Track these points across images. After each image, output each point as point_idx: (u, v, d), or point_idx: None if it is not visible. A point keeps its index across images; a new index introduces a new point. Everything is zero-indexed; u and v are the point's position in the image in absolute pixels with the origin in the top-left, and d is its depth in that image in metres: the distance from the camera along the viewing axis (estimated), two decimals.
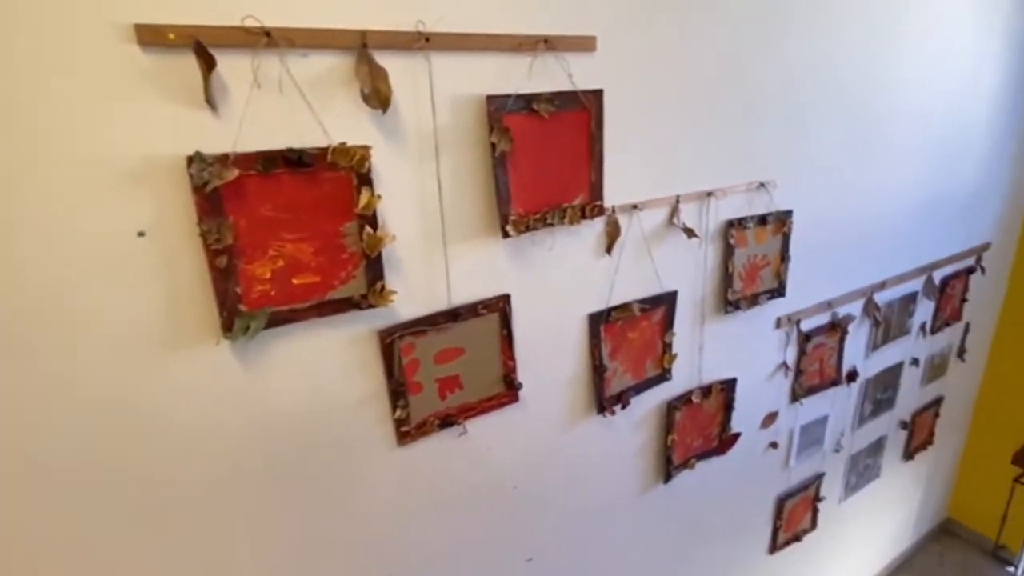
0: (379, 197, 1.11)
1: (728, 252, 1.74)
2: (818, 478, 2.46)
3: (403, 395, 1.25)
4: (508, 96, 1.20)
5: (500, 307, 1.32)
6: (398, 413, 1.26)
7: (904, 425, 2.83)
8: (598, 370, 1.56)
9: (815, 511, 2.53)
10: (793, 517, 2.44)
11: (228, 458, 1.11)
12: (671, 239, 1.61)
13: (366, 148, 1.07)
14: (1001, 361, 3.22)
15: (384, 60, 1.06)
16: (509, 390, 1.41)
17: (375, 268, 1.14)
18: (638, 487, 1.83)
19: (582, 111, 1.30)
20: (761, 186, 1.76)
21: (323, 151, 1.04)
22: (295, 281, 1.08)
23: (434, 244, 1.22)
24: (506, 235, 1.25)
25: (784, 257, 1.89)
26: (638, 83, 1.40)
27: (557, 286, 1.43)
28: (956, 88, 2.24)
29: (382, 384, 1.24)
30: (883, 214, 2.20)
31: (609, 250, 1.48)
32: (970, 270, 2.73)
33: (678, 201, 1.58)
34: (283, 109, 1.02)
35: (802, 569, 2.70)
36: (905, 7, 1.93)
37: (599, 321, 1.53)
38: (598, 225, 1.45)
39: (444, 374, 1.31)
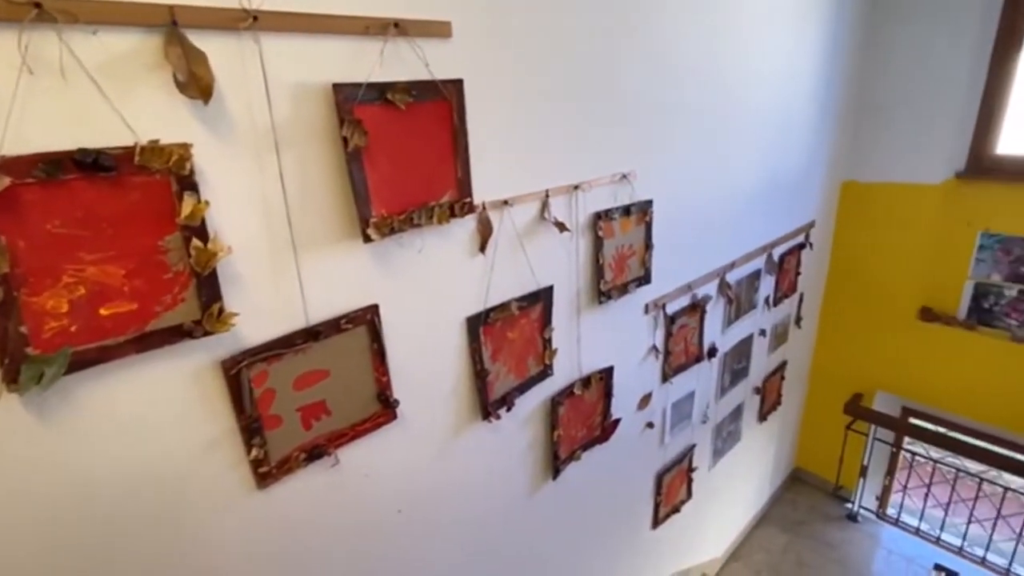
0: (207, 203, 0.93)
1: (598, 244, 1.75)
2: (690, 450, 2.62)
3: (258, 431, 1.09)
4: (359, 85, 1.07)
5: (368, 319, 1.20)
6: (254, 453, 1.09)
7: (757, 391, 3.11)
8: (480, 375, 1.49)
9: (690, 481, 2.69)
10: (671, 490, 2.57)
11: (33, 539, 0.88)
12: (543, 234, 1.58)
13: (185, 146, 0.89)
14: (829, 325, 3.68)
15: (202, 41, 0.89)
16: (385, 409, 1.29)
17: (209, 287, 0.96)
18: (528, 487, 1.80)
19: (442, 102, 1.21)
20: (623, 178, 1.79)
21: (129, 151, 0.85)
22: (103, 311, 0.88)
23: (283, 254, 1.06)
24: (368, 239, 1.13)
25: (648, 245, 1.95)
26: (500, 74, 1.34)
27: (431, 291, 1.33)
28: (781, 79, 2.47)
29: (231, 422, 1.06)
30: (729, 199, 2.37)
31: (483, 249, 1.41)
32: (801, 246, 3.05)
33: (548, 195, 1.55)
34: (69, 100, 0.81)
35: (682, 537, 2.87)
36: (739, 5, 2.07)
37: (478, 323, 1.45)
38: (469, 223, 1.37)
39: (307, 401, 1.16)
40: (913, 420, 3.57)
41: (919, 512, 3.64)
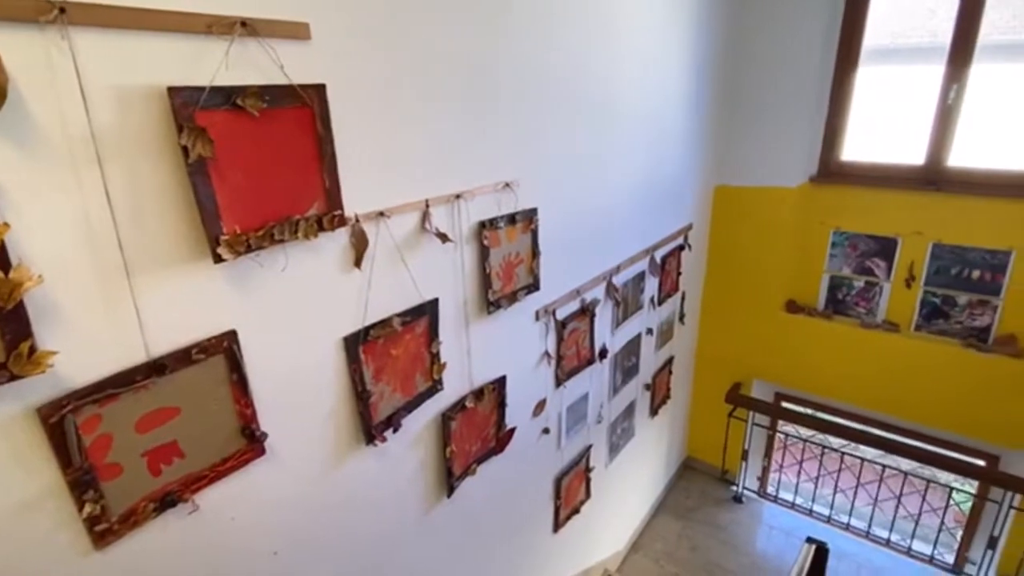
0: (7, 226, 0.79)
1: (484, 253, 1.73)
2: (586, 450, 2.67)
3: (92, 484, 0.94)
4: (200, 89, 0.96)
5: (224, 347, 1.08)
6: (88, 509, 0.94)
7: (648, 387, 3.25)
8: (362, 397, 1.41)
9: (588, 481, 2.74)
10: (570, 493, 2.60)
11: None
12: (425, 245, 1.53)
13: None
14: (709, 320, 3.92)
15: None
16: (251, 444, 1.18)
17: (15, 323, 0.82)
18: (421, 509, 1.74)
19: (303, 108, 1.13)
20: (506, 186, 1.78)
21: None
22: None
23: (114, 280, 0.93)
24: (219, 259, 1.02)
25: (535, 253, 1.96)
26: (369, 79, 1.28)
27: (299, 311, 1.23)
28: (655, 91, 2.59)
29: (55, 477, 0.91)
30: (612, 205, 2.45)
31: (358, 263, 1.33)
32: (680, 248, 3.23)
33: (428, 206, 1.50)
34: None
35: (584, 537, 2.92)
36: (614, 12, 2.14)
37: (356, 343, 1.37)
38: (342, 237, 1.29)
39: (154, 444, 1.03)
40: (785, 404, 3.90)
41: (794, 487, 3.99)
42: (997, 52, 2.77)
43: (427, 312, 1.57)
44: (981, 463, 3.31)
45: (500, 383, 1.93)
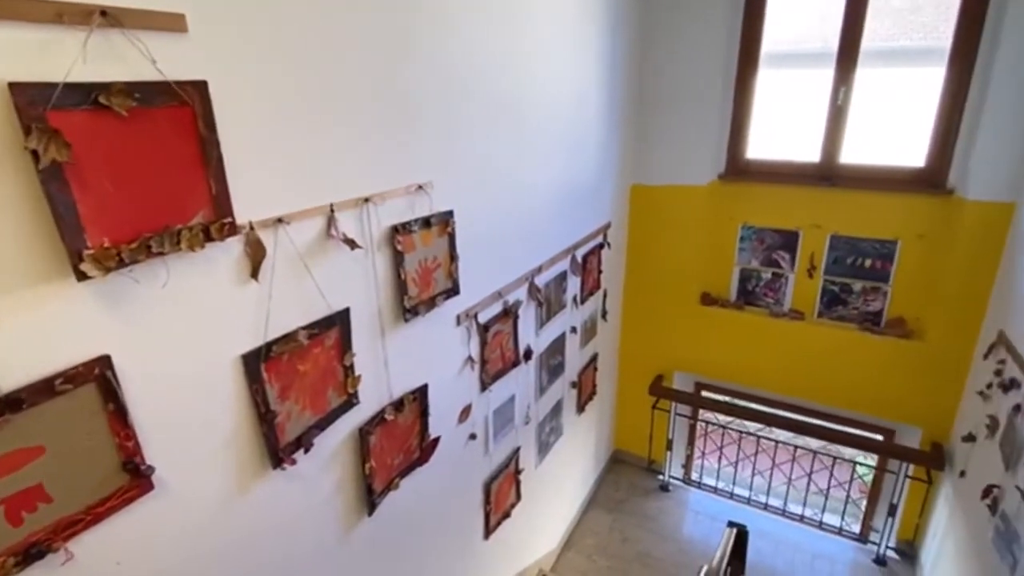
0: None
1: (398, 259, 1.66)
2: (515, 453, 2.65)
3: None
4: (51, 86, 0.85)
5: (96, 375, 0.96)
6: None
7: (574, 385, 3.28)
8: (266, 418, 1.31)
9: (518, 484, 2.72)
10: (500, 497, 2.58)
11: None
12: (332, 253, 1.44)
13: None
14: (630, 316, 4.02)
15: None
16: (136, 479, 1.06)
17: None
18: (340, 530, 1.65)
19: (181, 107, 1.03)
20: (420, 188, 1.73)
21: None
22: None
23: None
24: (83, 276, 0.90)
25: (453, 256, 1.91)
26: (259, 76, 1.18)
27: (187, 330, 1.12)
28: (572, 88, 2.61)
29: None
30: (532, 206, 2.44)
31: (255, 275, 1.24)
32: (600, 246, 3.28)
33: (333, 210, 1.42)
34: None
35: (516, 540, 2.91)
36: (527, 13, 2.13)
37: (257, 360, 1.27)
38: (234, 247, 1.19)
39: (13, 489, 0.90)
40: (705, 393, 4.06)
41: (716, 472, 4.16)
42: (878, 57, 2.99)
43: (337, 323, 1.49)
44: (879, 438, 3.58)
45: (421, 392, 1.87)
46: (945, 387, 3.16)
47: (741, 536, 2.47)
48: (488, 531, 2.53)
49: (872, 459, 3.80)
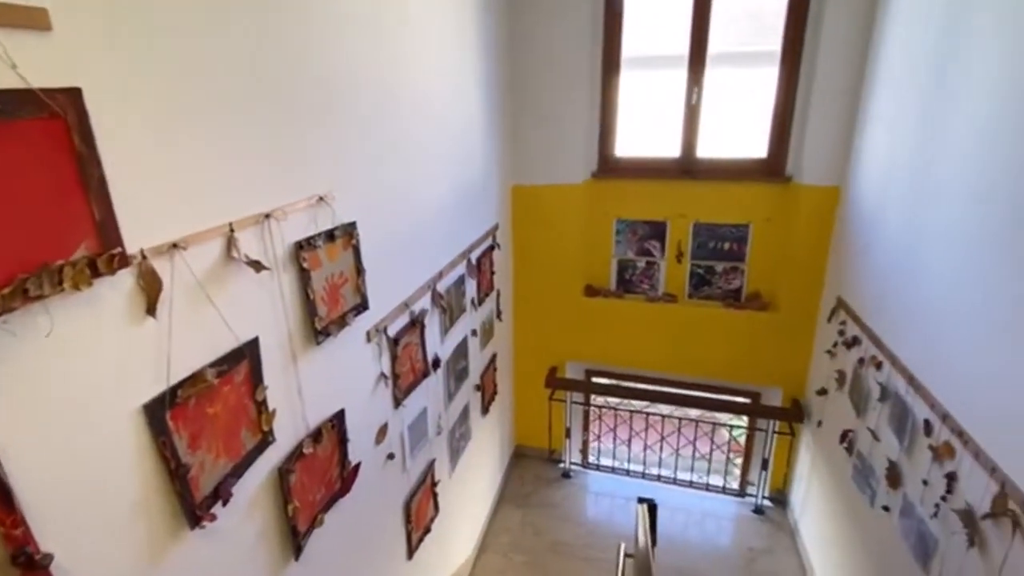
0: None
1: (305, 277, 1.53)
2: (431, 465, 2.58)
3: None
4: None
5: None
6: None
7: (478, 387, 3.27)
8: (177, 474, 1.14)
9: (435, 496, 2.66)
10: (420, 513, 2.49)
11: None
12: (235, 277, 1.29)
13: None
14: (522, 313, 4.10)
15: None
16: (30, 572, 0.86)
17: None
18: None
19: (51, 120, 0.85)
20: (321, 200, 1.60)
21: None
22: None
23: None
24: None
25: (360, 270, 1.81)
26: (144, 82, 1.02)
27: (79, 385, 0.94)
28: (453, 99, 2.59)
29: None
30: (427, 211, 2.38)
31: (151, 310, 1.07)
32: (491, 248, 3.30)
33: (232, 230, 1.27)
34: None
35: (438, 553, 2.84)
36: (408, 20, 2.07)
37: (162, 409, 1.10)
38: (125, 280, 1.01)
39: None
40: (595, 379, 4.27)
41: (612, 452, 4.39)
42: (724, 60, 3.34)
43: (246, 355, 1.34)
44: (748, 401, 4.02)
45: (339, 418, 1.74)
46: (798, 350, 3.62)
47: (652, 510, 2.63)
48: (411, 551, 2.44)
49: (744, 421, 4.24)
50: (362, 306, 1.83)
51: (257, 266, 1.32)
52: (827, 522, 3.16)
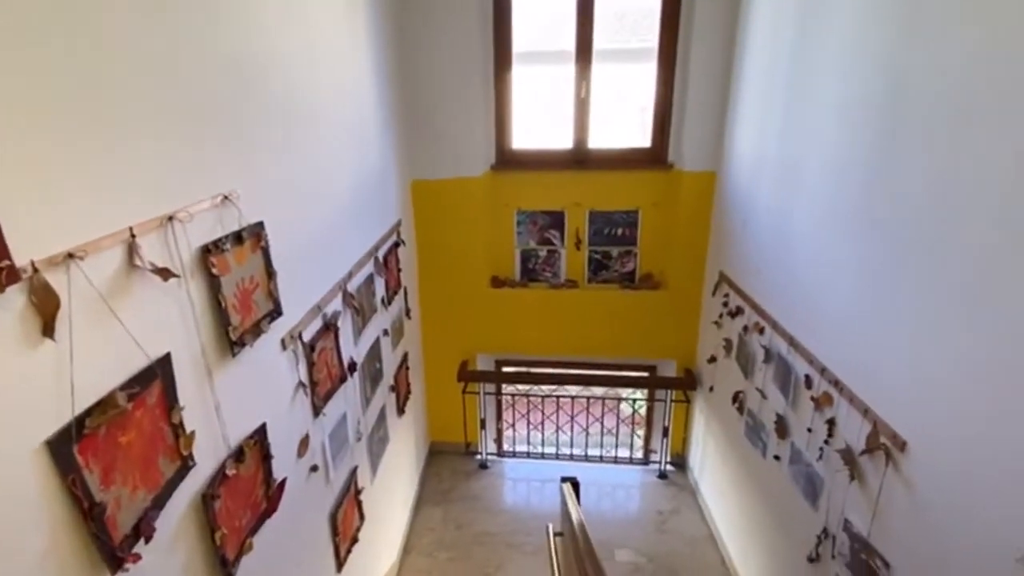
0: None
1: (215, 284, 1.40)
2: (353, 473, 2.49)
3: None
4: None
5: None
6: None
7: (392, 388, 3.19)
8: (91, 514, 1.00)
9: (359, 504, 2.56)
10: (346, 524, 2.39)
11: None
12: (141, 288, 1.15)
13: None
14: (430, 309, 4.05)
15: None
16: None
17: None
18: None
19: None
20: (225, 199, 1.47)
21: None
22: None
23: None
24: None
25: (270, 273, 1.69)
26: (20, 63, 0.87)
27: None
28: (350, 97, 2.49)
29: None
30: (333, 209, 2.28)
31: (48, 331, 0.92)
32: (396, 244, 3.22)
33: (133, 235, 1.13)
34: None
35: (366, 563, 2.74)
36: (304, 15, 1.95)
37: (68, 443, 0.96)
38: (15, 298, 0.87)
39: None
40: (505, 369, 4.33)
41: (526, 438, 4.49)
42: (609, 56, 3.51)
43: (158, 374, 1.20)
44: (646, 374, 4.29)
45: (260, 433, 1.62)
46: (687, 323, 3.93)
47: (576, 487, 2.73)
48: (340, 564, 2.33)
49: (644, 394, 4.52)
50: (276, 312, 1.71)
51: (165, 274, 1.19)
52: (724, 477, 3.48)
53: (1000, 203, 1.38)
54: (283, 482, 1.74)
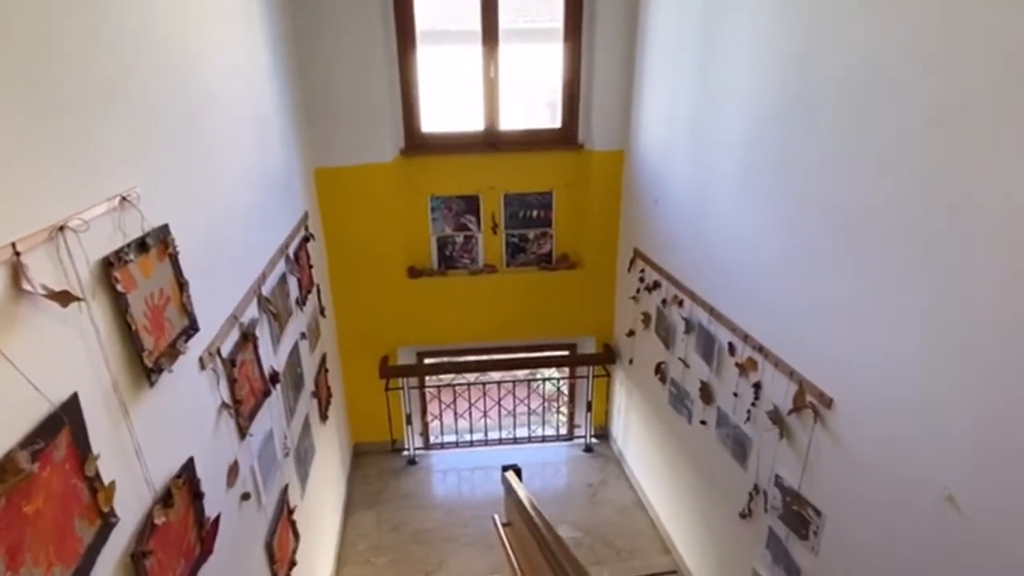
0: None
1: (121, 303, 1.18)
2: (284, 493, 2.28)
3: None
4: None
5: None
6: None
7: (314, 394, 2.96)
8: None
9: (293, 525, 2.36)
10: (282, 548, 2.19)
11: None
12: (32, 316, 0.93)
13: None
14: (343, 306, 3.80)
15: None
16: None
17: None
18: None
19: None
20: (124, 201, 1.23)
21: None
22: None
23: None
24: None
25: (181, 284, 1.46)
26: None
27: None
28: (246, 85, 2.23)
29: None
30: (240, 206, 2.03)
31: None
32: (306, 239, 2.97)
33: (18, 252, 0.90)
34: None
35: None
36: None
37: None
38: None
39: None
40: (428, 360, 4.20)
41: (453, 428, 4.40)
42: (515, 36, 3.45)
43: (66, 422, 0.98)
44: (566, 353, 4.35)
45: (188, 469, 1.41)
46: (604, 300, 4.02)
47: (518, 473, 2.71)
48: None
49: (566, 372, 4.60)
50: (191, 328, 1.49)
51: (64, 298, 0.96)
52: (650, 444, 3.62)
53: (906, 167, 1.49)
54: (217, 519, 1.53)
